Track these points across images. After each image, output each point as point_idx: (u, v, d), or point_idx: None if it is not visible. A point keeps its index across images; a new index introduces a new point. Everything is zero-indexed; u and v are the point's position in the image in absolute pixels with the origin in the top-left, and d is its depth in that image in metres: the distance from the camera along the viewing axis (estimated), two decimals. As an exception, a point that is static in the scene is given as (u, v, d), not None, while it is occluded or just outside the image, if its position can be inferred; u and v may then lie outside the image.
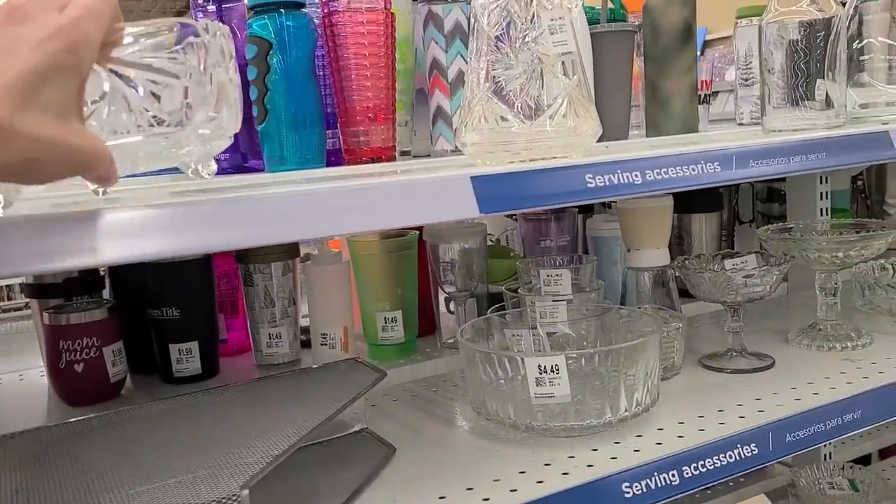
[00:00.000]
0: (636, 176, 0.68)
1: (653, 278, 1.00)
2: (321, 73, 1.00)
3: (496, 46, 0.69)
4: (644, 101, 1.21)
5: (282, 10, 0.92)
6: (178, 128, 0.51)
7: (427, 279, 1.10)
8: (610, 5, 1.29)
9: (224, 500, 0.46)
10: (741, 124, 1.44)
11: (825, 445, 1.36)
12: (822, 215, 1.30)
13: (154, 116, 0.51)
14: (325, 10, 0.98)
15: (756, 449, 0.71)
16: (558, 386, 0.68)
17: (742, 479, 1.36)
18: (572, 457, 0.69)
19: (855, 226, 1.04)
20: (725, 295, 0.87)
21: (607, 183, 0.67)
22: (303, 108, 0.93)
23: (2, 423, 0.88)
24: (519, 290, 0.96)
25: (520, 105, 0.68)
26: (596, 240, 1.22)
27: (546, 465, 0.68)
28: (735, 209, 1.48)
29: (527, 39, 0.68)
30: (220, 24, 0.54)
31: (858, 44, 1.00)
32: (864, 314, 1.03)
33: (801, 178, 1.32)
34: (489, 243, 1.40)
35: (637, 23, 1.22)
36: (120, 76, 0.48)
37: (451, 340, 1.09)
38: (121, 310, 1.04)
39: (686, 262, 0.94)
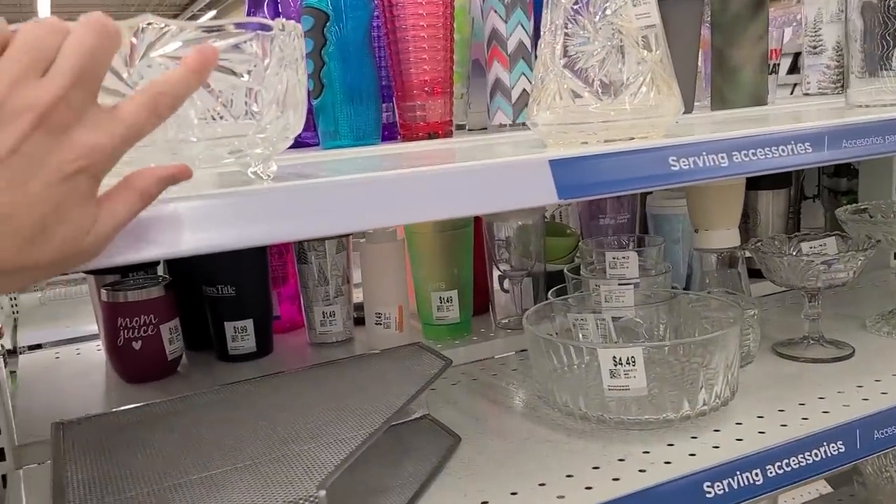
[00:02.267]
0: (723, 158, 0.64)
1: (721, 260, 0.96)
2: (377, 46, 0.97)
3: (574, 20, 0.65)
4: (711, 72, 1.16)
5: (337, -19, 0.89)
6: (241, 131, 0.48)
7: (482, 257, 1.07)
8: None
9: (301, 501, 0.44)
10: (807, 94, 1.37)
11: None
12: (897, 193, 1.24)
13: (219, 116, 0.48)
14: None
15: (843, 447, 0.67)
16: (634, 378, 0.65)
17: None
18: (647, 452, 0.66)
19: None
20: (805, 281, 0.82)
21: (692, 166, 0.62)
22: (359, 81, 0.90)
23: (63, 400, 0.88)
24: (581, 272, 0.93)
25: (598, 82, 0.64)
26: (657, 217, 1.18)
27: (620, 460, 0.65)
28: (801, 184, 1.42)
29: (607, 12, 0.63)
30: (295, 23, 0.51)
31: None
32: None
33: (876, 153, 1.25)
34: (548, 220, 1.37)
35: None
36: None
37: (506, 320, 1.06)
38: (175, 287, 1.03)
39: (760, 244, 0.89)
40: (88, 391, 0.91)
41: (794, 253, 0.87)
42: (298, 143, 0.99)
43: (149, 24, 0.44)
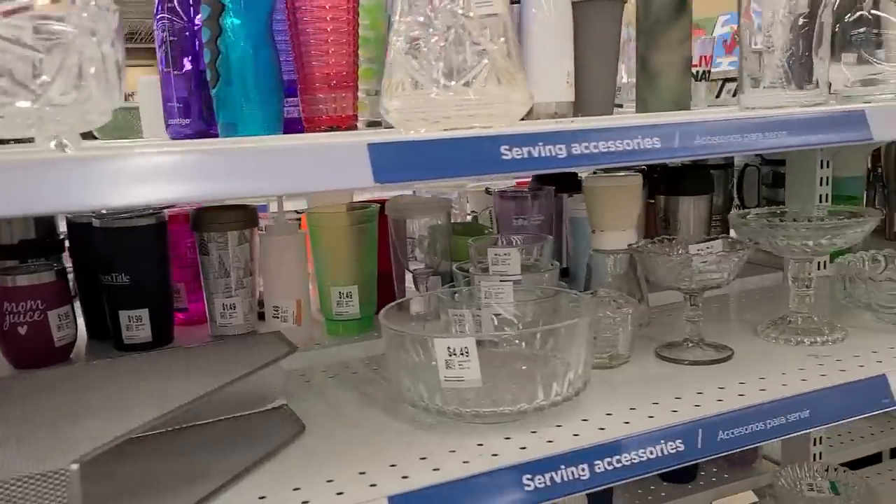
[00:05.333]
0: (560, 150, 0.63)
1: (617, 262, 0.96)
2: (281, 38, 0.97)
3: (416, 6, 0.65)
4: (636, 76, 1.16)
5: (239, -31, 0.89)
6: (28, 98, 0.48)
7: (388, 254, 1.07)
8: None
9: (50, 474, 0.44)
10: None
11: (815, 444, 1.29)
12: (821, 202, 1.22)
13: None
14: (286, -30, 0.95)
15: (682, 446, 0.66)
16: (468, 370, 0.64)
17: (727, 476, 1.30)
18: (481, 444, 0.65)
19: (851, 214, 0.97)
20: (680, 281, 0.81)
21: (526, 156, 0.62)
22: (256, 72, 0.90)
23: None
24: (470, 270, 0.92)
25: (438, 71, 0.64)
26: (574, 220, 1.17)
27: (451, 451, 0.64)
28: (734, 193, 1.41)
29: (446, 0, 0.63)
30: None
31: (851, 16, 0.93)
32: (848, 309, 0.96)
33: (801, 162, 1.25)
34: (468, 220, 1.37)
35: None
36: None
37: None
38: (79, 275, 1.03)
39: (646, 245, 0.89)
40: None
41: (679, 254, 0.86)
42: (208, 134, 0.99)
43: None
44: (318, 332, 1.04)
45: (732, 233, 0.98)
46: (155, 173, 0.50)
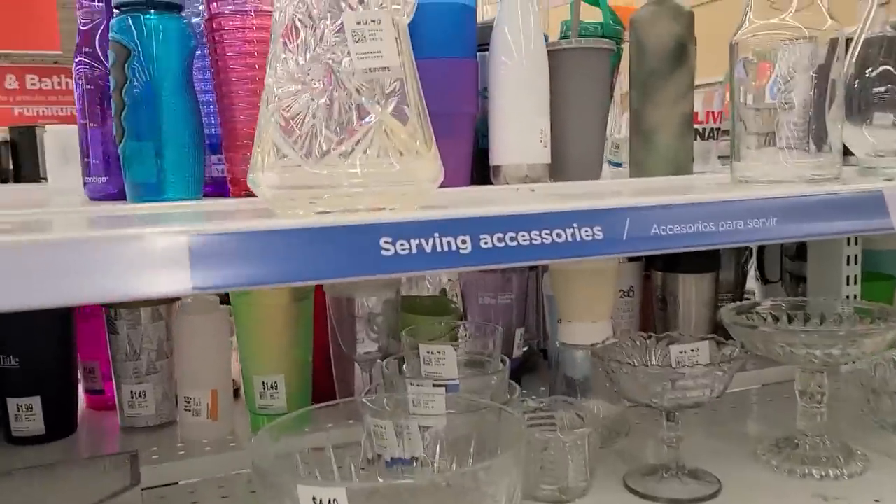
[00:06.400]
0: (463, 243, 0.48)
1: (585, 359, 0.79)
2: (203, 89, 0.85)
3: (284, 56, 0.51)
4: (629, 134, 1.01)
5: (150, 11, 0.78)
6: None
7: (326, 336, 0.92)
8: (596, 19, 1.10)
9: None
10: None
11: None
12: (848, 285, 1.04)
13: None
14: (210, 12, 0.83)
15: None
16: (338, 528, 0.49)
17: None
18: None
19: (881, 314, 0.77)
20: (648, 397, 0.65)
21: (415, 251, 0.47)
22: (168, 128, 0.77)
23: None
24: (404, 368, 0.77)
25: (305, 138, 0.49)
26: (551, 298, 1.01)
27: None
28: (747, 266, 1.23)
29: (318, 49, 0.49)
30: None
31: (871, 71, 0.76)
32: (872, 428, 0.78)
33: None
34: (435, 294, 1.21)
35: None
36: None
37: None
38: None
39: (612, 345, 0.72)
40: None
41: (652, 361, 0.69)
42: (108, 195, 0.87)
43: None
44: (242, 427, 0.90)
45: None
46: None
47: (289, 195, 0.51)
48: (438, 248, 0.48)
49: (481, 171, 0.90)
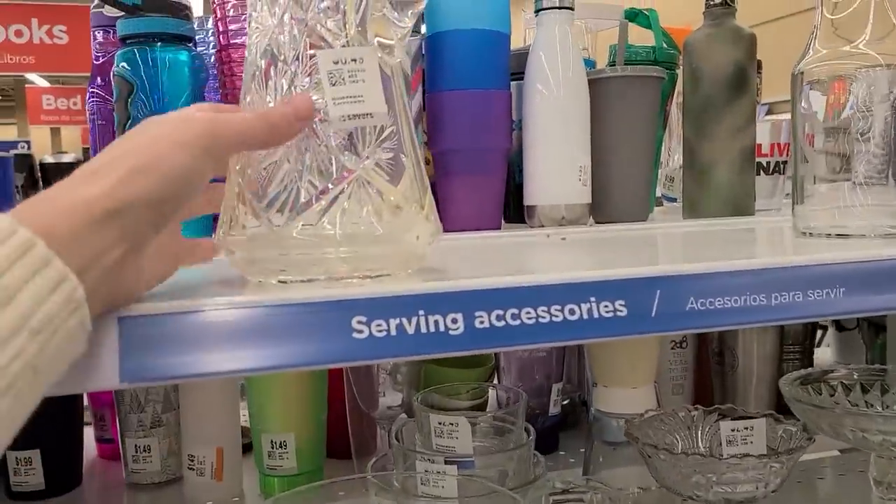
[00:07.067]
0: (454, 322, 0.40)
1: (622, 430, 0.70)
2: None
3: (253, 102, 0.44)
4: (683, 171, 0.92)
5: (157, 43, 0.73)
6: None
7: (342, 389, 0.85)
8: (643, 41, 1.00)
9: None
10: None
11: None
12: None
13: None
14: (220, 43, 0.78)
15: None
16: None
17: None
18: None
19: None
20: (690, 489, 0.55)
21: (394, 332, 0.40)
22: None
23: None
24: (416, 438, 0.69)
25: (273, 196, 0.42)
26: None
27: None
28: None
29: (293, 88, 0.42)
30: None
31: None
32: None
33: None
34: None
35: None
36: None
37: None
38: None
39: (651, 419, 0.63)
40: None
41: (698, 440, 0.60)
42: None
43: None
44: (251, 488, 0.83)
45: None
46: None
47: (252, 259, 0.44)
48: (423, 329, 0.40)
49: (517, 208, 0.83)
